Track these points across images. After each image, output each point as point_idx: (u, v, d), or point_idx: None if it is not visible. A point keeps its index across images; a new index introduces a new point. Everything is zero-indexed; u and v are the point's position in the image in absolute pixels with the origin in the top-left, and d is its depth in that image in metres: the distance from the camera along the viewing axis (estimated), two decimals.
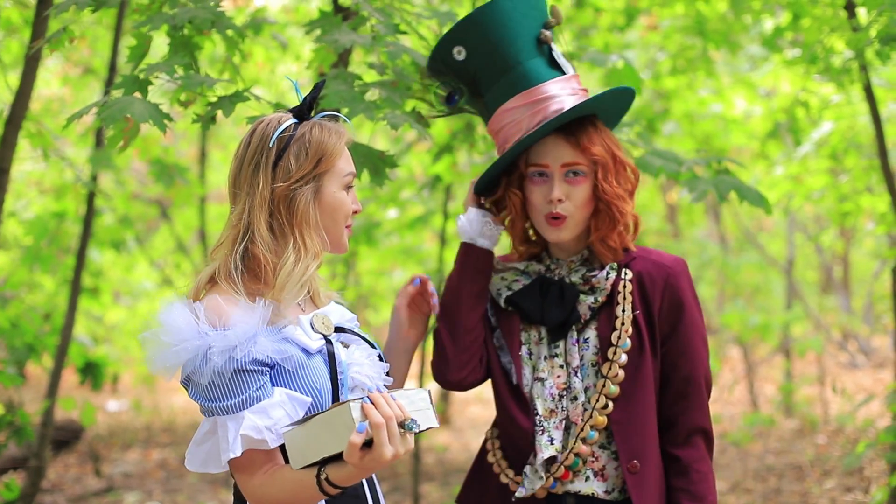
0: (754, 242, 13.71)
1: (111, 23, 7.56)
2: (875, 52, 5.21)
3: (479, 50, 3.02)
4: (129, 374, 14.44)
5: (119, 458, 10.03)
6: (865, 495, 7.81)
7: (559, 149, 3.00)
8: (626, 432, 2.99)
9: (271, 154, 2.63)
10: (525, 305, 3.09)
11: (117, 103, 3.22)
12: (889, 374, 12.75)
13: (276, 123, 2.68)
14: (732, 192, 4.20)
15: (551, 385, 3.02)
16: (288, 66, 10.51)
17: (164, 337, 2.50)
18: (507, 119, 3.03)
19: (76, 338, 7.89)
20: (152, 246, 12.93)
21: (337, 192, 2.68)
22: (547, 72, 3.03)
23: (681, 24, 8.14)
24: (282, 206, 2.62)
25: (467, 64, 3.05)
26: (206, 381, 2.50)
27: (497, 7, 3.00)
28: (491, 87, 3.05)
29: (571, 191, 3.01)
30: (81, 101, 10.37)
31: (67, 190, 8.03)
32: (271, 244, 2.61)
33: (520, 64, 3.01)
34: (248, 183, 2.64)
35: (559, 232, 3.04)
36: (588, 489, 3.01)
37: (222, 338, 2.49)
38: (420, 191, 8.14)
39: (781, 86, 9.75)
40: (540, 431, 3.01)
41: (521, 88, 3.00)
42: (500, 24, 2.99)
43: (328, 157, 2.65)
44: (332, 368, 2.65)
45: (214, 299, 2.57)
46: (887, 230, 9.67)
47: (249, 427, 2.49)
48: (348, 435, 2.38)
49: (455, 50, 3.05)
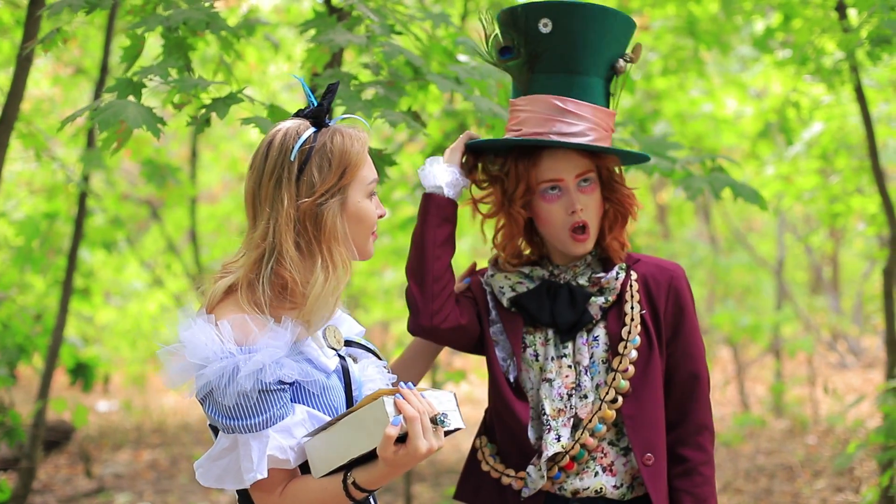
0: (744, 243, 13.73)
1: (102, 23, 7.55)
2: (866, 52, 5.21)
3: (565, 37, 2.98)
4: (120, 375, 14.42)
5: (109, 459, 10.01)
6: (856, 495, 7.83)
7: (572, 160, 3.00)
8: (639, 427, 3.01)
9: (293, 168, 2.51)
10: (532, 308, 3.08)
11: (111, 107, 3.20)
12: (878, 374, 12.78)
13: (294, 134, 2.55)
14: (727, 190, 4.21)
15: (559, 385, 3.03)
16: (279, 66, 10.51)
17: (187, 355, 2.43)
18: (539, 109, 3.00)
19: (67, 339, 7.87)
20: (142, 246, 12.91)
21: (362, 202, 2.58)
22: (598, 96, 3.02)
23: (672, 25, 8.16)
24: (308, 222, 2.51)
25: (544, 39, 3.00)
26: (230, 402, 2.42)
27: (602, 14, 2.98)
28: (547, 73, 3.02)
29: (587, 200, 3.02)
30: (72, 101, 10.36)
31: (59, 190, 8.02)
32: (299, 264, 2.51)
33: (588, 75, 2.99)
34: (270, 199, 2.52)
35: (585, 245, 3.05)
36: (597, 484, 3.01)
37: (250, 361, 2.41)
38: (412, 191, 8.14)
39: (772, 86, 9.78)
40: (547, 430, 3.00)
41: (573, 95, 2.99)
42: (596, 30, 2.97)
43: (352, 168, 2.54)
44: (347, 385, 2.61)
45: (241, 319, 2.48)
46: (878, 231, 9.70)
47: (275, 447, 2.44)
48: (381, 431, 2.36)
49: (543, 21, 2.98)
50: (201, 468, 2.53)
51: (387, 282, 12.30)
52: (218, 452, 2.50)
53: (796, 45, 6.92)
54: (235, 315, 2.49)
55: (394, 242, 10.33)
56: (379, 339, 14.99)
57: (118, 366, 13.70)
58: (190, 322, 2.47)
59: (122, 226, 8.91)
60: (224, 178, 14.14)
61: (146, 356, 14.05)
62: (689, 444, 3.06)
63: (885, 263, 7.17)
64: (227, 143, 12.31)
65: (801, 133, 8.75)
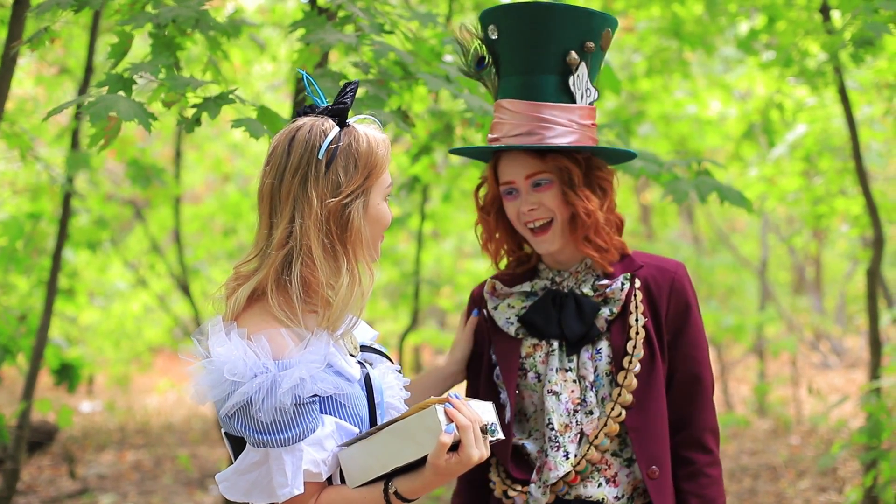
0: (727, 243, 13.77)
1: (86, 22, 7.53)
2: (849, 55, 5.24)
3: (508, 40, 3.00)
4: (103, 376, 14.39)
5: (93, 460, 9.99)
6: (839, 495, 7.86)
7: (520, 162, 3.01)
8: (644, 440, 2.98)
9: (321, 166, 2.45)
10: (539, 321, 3.05)
11: (102, 100, 3.19)
12: (861, 374, 12.84)
13: (320, 132, 2.48)
14: (713, 194, 4.22)
15: (566, 400, 2.99)
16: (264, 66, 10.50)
17: (225, 372, 2.36)
18: (501, 114, 3.03)
19: (51, 339, 7.84)
20: (126, 246, 12.87)
21: (381, 204, 2.53)
22: (554, 93, 2.98)
23: (657, 26, 8.17)
24: (333, 223, 2.45)
25: (496, 45, 3.03)
26: (267, 418, 2.36)
27: (541, 10, 2.95)
28: (506, 76, 3.04)
29: (541, 198, 3.00)
30: (55, 100, 10.30)
31: (43, 191, 8.00)
32: (325, 266, 2.46)
33: (534, 73, 2.98)
34: (293, 197, 2.45)
35: (546, 243, 3.03)
36: (599, 494, 2.99)
37: (289, 376, 2.37)
38: (397, 192, 8.14)
39: (756, 88, 9.81)
40: (555, 448, 2.97)
41: (523, 97, 2.98)
42: (536, 27, 2.95)
43: (377, 170, 2.50)
44: (369, 393, 2.57)
45: (277, 332, 2.43)
46: (861, 232, 9.74)
47: (309, 461, 2.40)
48: (432, 439, 2.35)
49: (490, 27, 3.01)
50: (227, 481, 2.47)
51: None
52: (247, 466, 2.43)
53: (780, 46, 6.95)
54: (270, 329, 2.44)
55: None
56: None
57: (102, 366, 13.66)
58: (223, 337, 2.41)
59: (106, 226, 8.87)
60: (208, 178, 14.12)
61: (130, 357, 14.03)
62: (693, 447, 3.03)
63: (869, 264, 7.20)
64: (211, 143, 12.29)
65: (785, 135, 8.78)
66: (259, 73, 11.02)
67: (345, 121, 2.53)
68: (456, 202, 9.51)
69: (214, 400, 2.40)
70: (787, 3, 6.70)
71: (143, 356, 14.20)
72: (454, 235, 12.14)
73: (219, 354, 2.38)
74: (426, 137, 5.70)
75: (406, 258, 10.92)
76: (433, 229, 11.36)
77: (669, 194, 4.25)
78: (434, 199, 8.86)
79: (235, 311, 2.49)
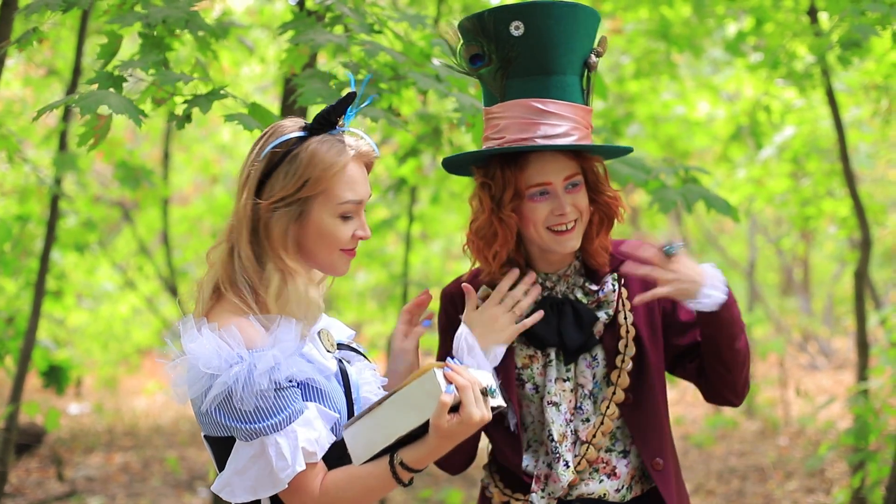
0: (716, 245, 13.80)
1: (74, 24, 7.51)
2: (837, 56, 5.25)
3: (538, 38, 2.91)
4: (91, 377, 14.36)
5: (81, 462, 9.96)
6: (827, 496, 7.88)
7: (559, 163, 2.93)
8: (645, 436, 2.99)
9: (261, 167, 2.49)
10: (539, 329, 3.01)
11: (93, 95, 3.18)
12: (849, 375, 12.86)
13: (279, 133, 2.51)
14: (700, 201, 4.23)
15: (565, 410, 2.98)
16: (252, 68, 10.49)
17: (200, 366, 2.38)
18: (519, 113, 2.93)
19: (39, 341, 7.83)
20: (114, 248, 12.85)
21: (327, 219, 2.50)
22: (577, 94, 2.95)
23: (645, 28, 8.18)
24: (261, 223, 2.49)
25: (517, 42, 2.92)
26: (249, 406, 2.37)
27: (572, 10, 2.91)
28: (523, 76, 2.95)
29: (575, 199, 2.95)
30: (43, 102, 10.29)
31: (31, 193, 7.98)
32: (252, 261, 2.48)
33: (565, 73, 2.93)
34: (239, 192, 2.52)
35: (570, 241, 2.97)
36: (601, 490, 2.99)
37: (263, 358, 2.39)
38: (385, 193, 8.15)
39: (744, 89, 9.83)
40: (556, 459, 2.96)
41: (553, 96, 2.91)
42: (568, 27, 2.90)
43: (315, 182, 2.47)
44: (346, 388, 2.58)
45: (246, 321, 2.45)
46: (848, 233, 9.77)
47: (305, 440, 2.41)
48: (432, 403, 2.38)
49: (514, 24, 2.90)
50: (228, 486, 2.45)
51: (359, 284, 12.29)
52: (245, 463, 2.42)
53: (768, 48, 6.97)
54: (239, 319, 2.46)
55: (366, 244, 10.32)
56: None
57: (90, 368, 13.63)
58: (195, 333, 2.43)
59: (94, 228, 8.86)
60: (196, 179, 14.11)
61: (118, 358, 14.00)
62: None
63: (857, 266, 7.22)
64: (199, 144, 12.28)
65: (773, 136, 8.80)
66: (248, 74, 11.01)
67: (317, 128, 2.52)
68: (444, 204, 9.51)
69: (194, 396, 2.41)
70: (775, 5, 6.72)
71: (131, 358, 14.18)
72: (442, 237, 12.14)
73: (192, 350, 2.40)
74: (413, 140, 5.71)
75: (394, 260, 10.92)
76: (421, 231, 11.37)
77: (656, 202, 4.26)
78: (422, 200, 8.86)
79: (203, 307, 2.53)
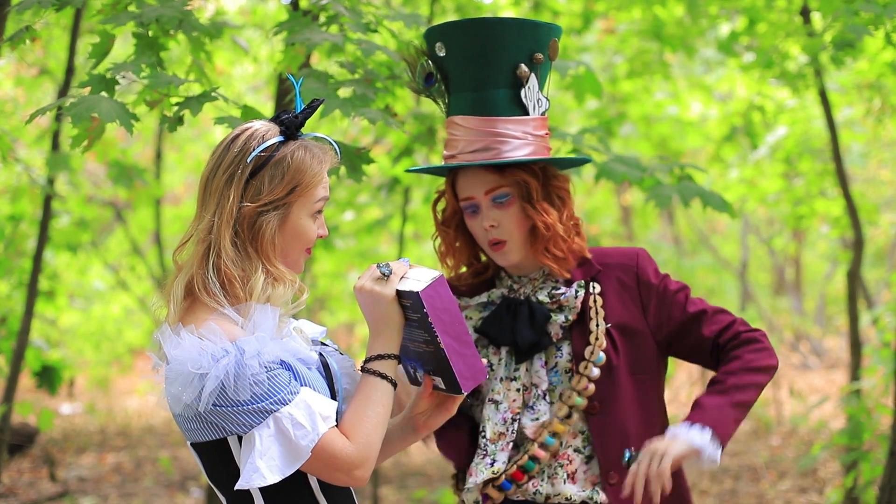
0: (708, 244, 13.81)
1: (67, 23, 7.49)
2: (830, 57, 5.26)
3: (456, 56, 3.00)
4: (83, 377, 14.34)
5: (74, 462, 9.95)
6: (820, 496, 7.89)
7: (479, 178, 3.01)
8: (606, 445, 3.00)
9: (247, 169, 2.52)
10: (493, 331, 3.07)
11: (84, 101, 3.18)
12: (841, 374, 12.89)
13: (260, 137, 2.56)
14: (696, 198, 4.24)
15: (505, 409, 3.02)
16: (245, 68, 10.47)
17: (190, 367, 2.38)
18: (454, 131, 3.03)
19: (32, 342, 7.81)
20: (107, 248, 12.83)
21: (303, 219, 2.58)
22: (507, 107, 2.99)
23: (638, 28, 8.18)
24: (245, 226, 2.53)
25: (443, 62, 3.03)
26: (246, 395, 2.38)
27: (488, 26, 2.98)
28: (456, 93, 3.04)
29: (502, 216, 3.01)
30: (35, 102, 10.28)
31: (23, 192, 7.96)
32: (235, 260, 2.51)
33: (485, 90, 2.99)
34: (218, 193, 2.53)
35: (504, 256, 3.06)
36: (566, 491, 3.01)
37: (249, 343, 2.41)
38: (378, 192, 8.14)
39: (737, 90, 9.84)
40: (481, 455, 3.02)
41: (476, 113, 2.99)
42: (485, 44, 2.96)
43: (303, 187, 2.55)
44: (328, 378, 2.60)
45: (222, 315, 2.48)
46: (841, 233, 9.78)
47: (317, 405, 2.43)
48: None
49: (437, 45, 3.02)
50: (255, 472, 2.41)
51: (352, 284, 12.28)
52: (266, 444, 2.41)
53: (761, 49, 6.97)
54: (215, 315, 2.48)
55: (359, 244, 10.33)
56: (344, 340, 14.97)
57: (82, 368, 13.61)
58: (175, 339, 2.44)
59: (87, 228, 8.84)
60: (188, 179, 14.08)
61: (110, 359, 13.98)
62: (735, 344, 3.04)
63: (849, 266, 7.24)
64: (191, 144, 12.27)
65: (766, 137, 8.81)
66: (240, 74, 11.00)
67: (293, 133, 2.59)
68: None
69: (189, 400, 2.40)
70: (768, 5, 6.72)
71: (123, 358, 14.17)
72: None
73: (177, 357, 2.41)
74: (407, 140, 5.71)
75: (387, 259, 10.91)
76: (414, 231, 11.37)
77: (652, 199, 4.27)
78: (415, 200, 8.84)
79: (177, 311, 2.53)
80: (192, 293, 2.54)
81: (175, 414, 2.50)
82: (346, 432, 2.47)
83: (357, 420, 2.49)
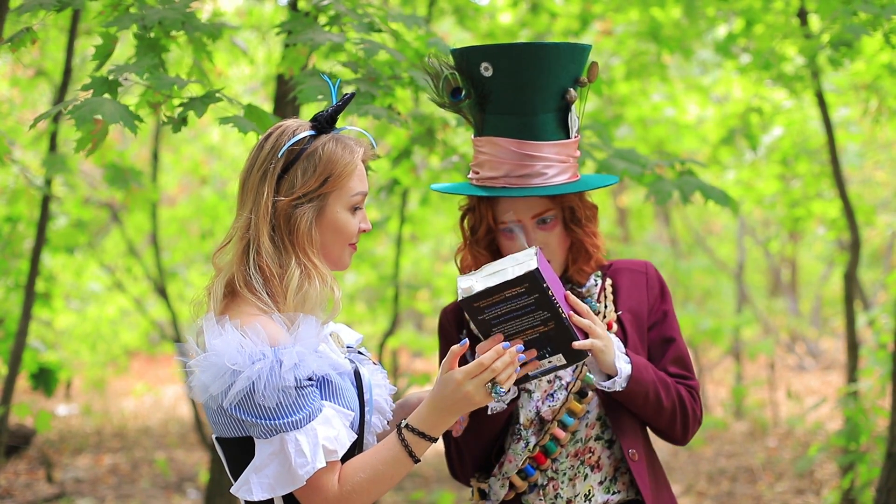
0: (704, 246, 13.82)
1: (64, 25, 7.49)
2: (827, 57, 5.27)
3: (505, 79, 2.96)
4: (79, 379, 14.33)
5: (70, 464, 9.94)
6: (817, 498, 7.90)
7: (528, 202, 3.00)
8: (622, 426, 3.03)
9: (279, 164, 2.55)
10: None
11: (87, 104, 3.18)
12: (837, 376, 12.91)
13: (291, 132, 2.58)
14: (697, 193, 4.23)
15: (538, 398, 3.05)
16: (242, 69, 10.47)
17: (226, 361, 2.40)
18: (494, 151, 2.98)
19: (29, 343, 7.80)
20: (103, 249, 12.81)
21: (341, 213, 2.58)
22: (553, 131, 2.98)
23: (635, 30, 8.19)
24: (281, 221, 2.54)
25: (488, 82, 2.98)
26: (272, 402, 2.40)
27: (542, 52, 2.94)
28: (497, 114, 2.99)
29: (548, 237, 3.02)
30: (31, 103, 10.28)
31: (20, 194, 7.95)
32: (274, 256, 2.53)
33: (536, 114, 2.96)
34: (254, 190, 2.56)
35: None
36: (586, 487, 3.03)
37: (289, 354, 2.42)
38: (377, 194, 8.14)
39: (734, 92, 9.85)
40: (516, 440, 3.03)
41: (522, 137, 2.95)
42: (536, 68, 2.93)
43: (336, 178, 2.56)
44: (359, 388, 2.60)
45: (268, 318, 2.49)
46: (837, 235, 9.79)
47: (325, 438, 2.43)
48: (521, 269, 2.58)
49: (483, 65, 2.96)
50: (247, 485, 2.46)
51: (348, 285, 12.28)
52: (264, 460, 2.44)
53: (758, 50, 6.98)
54: (262, 316, 2.49)
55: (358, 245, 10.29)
56: None
57: (78, 370, 13.59)
58: (218, 330, 2.45)
59: (84, 229, 8.84)
60: (183, 181, 14.08)
61: (106, 360, 13.96)
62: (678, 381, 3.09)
63: (846, 267, 7.24)
64: (188, 145, 12.26)
65: (762, 138, 8.82)
66: (237, 75, 11.00)
67: (323, 126, 2.60)
68: (434, 205, 9.51)
69: (216, 392, 2.42)
70: (765, 7, 6.74)
71: (119, 359, 14.14)
72: (432, 239, 12.14)
73: (215, 346, 2.42)
74: (407, 141, 5.70)
75: (384, 261, 10.91)
76: (411, 233, 11.37)
77: (653, 195, 4.25)
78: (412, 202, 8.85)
79: (218, 307, 2.54)
80: (233, 291, 2.56)
81: (204, 406, 2.52)
82: (343, 472, 2.49)
83: (360, 472, 2.49)
